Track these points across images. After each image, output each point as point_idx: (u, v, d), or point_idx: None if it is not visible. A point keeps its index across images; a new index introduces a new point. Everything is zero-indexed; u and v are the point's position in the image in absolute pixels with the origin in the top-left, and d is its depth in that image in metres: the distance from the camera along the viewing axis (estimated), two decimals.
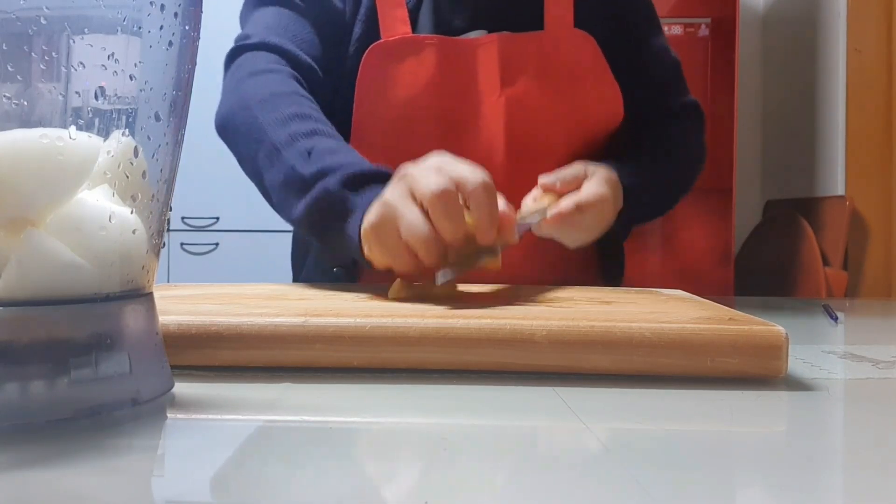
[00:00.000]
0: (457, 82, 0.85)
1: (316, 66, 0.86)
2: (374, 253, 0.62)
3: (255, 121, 0.78)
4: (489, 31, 0.87)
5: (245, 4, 0.92)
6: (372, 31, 0.87)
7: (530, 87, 0.85)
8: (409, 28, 0.86)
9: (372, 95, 0.85)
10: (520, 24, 0.87)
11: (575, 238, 0.78)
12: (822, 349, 0.58)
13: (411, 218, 0.58)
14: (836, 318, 0.77)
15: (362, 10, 0.87)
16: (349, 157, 0.72)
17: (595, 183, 0.77)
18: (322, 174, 0.70)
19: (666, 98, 0.96)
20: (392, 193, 0.61)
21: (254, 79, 0.82)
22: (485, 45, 0.85)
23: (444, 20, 0.88)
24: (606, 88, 0.87)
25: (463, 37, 0.87)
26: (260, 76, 0.82)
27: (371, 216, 0.62)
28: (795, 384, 0.46)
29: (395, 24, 0.86)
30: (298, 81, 0.83)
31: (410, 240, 0.58)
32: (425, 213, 0.58)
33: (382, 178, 0.66)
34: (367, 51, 0.85)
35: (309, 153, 0.73)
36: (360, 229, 0.64)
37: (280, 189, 0.75)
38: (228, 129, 0.82)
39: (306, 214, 0.71)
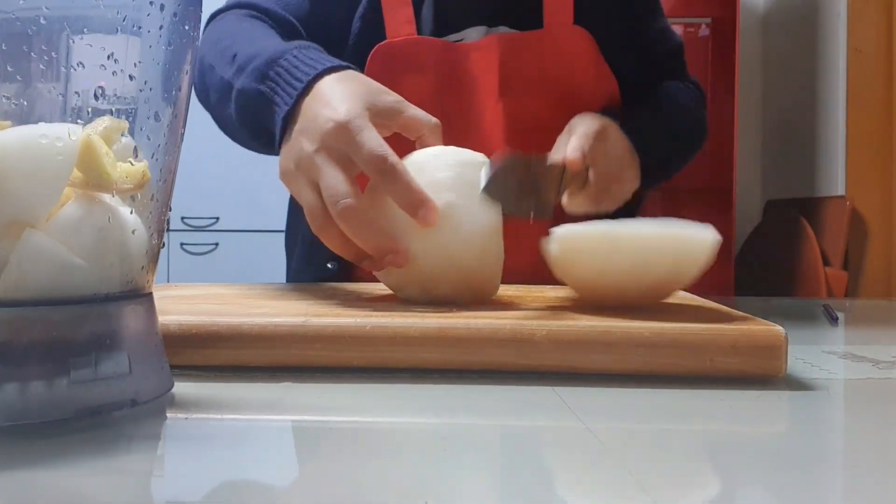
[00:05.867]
0: (458, 84, 0.85)
1: (298, 25, 0.83)
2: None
3: (203, 63, 0.75)
4: (488, 28, 0.87)
5: None
6: (372, 28, 0.86)
7: (530, 88, 0.85)
8: (413, 28, 0.85)
9: None
10: (519, 20, 0.87)
11: (615, 188, 0.74)
12: (822, 349, 0.58)
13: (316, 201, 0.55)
14: (836, 318, 0.76)
15: (360, 8, 0.87)
16: (265, 44, 0.68)
17: (583, 121, 0.74)
18: (239, 71, 0.67)
19: (669, 80, 0.96)
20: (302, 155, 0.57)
21: (216, 30, 0.79)
22: (485, 47, 0.85)
23: (444, 17, 0.87)
24: (604, 86, 0.87)
25: (462, 33, 0.87)
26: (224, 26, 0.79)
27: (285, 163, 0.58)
28: (795, 384, 0.46)
29: (400, 23, 0.85)
30: (269, 27, 0.80)
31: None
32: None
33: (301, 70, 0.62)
34: (372, 51, 0.84)
35: (234, 56, 0.70)
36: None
37: (232, 117, 0.70)
38: (196, 92, 0.79)
39: (239, 122, 0.69)
